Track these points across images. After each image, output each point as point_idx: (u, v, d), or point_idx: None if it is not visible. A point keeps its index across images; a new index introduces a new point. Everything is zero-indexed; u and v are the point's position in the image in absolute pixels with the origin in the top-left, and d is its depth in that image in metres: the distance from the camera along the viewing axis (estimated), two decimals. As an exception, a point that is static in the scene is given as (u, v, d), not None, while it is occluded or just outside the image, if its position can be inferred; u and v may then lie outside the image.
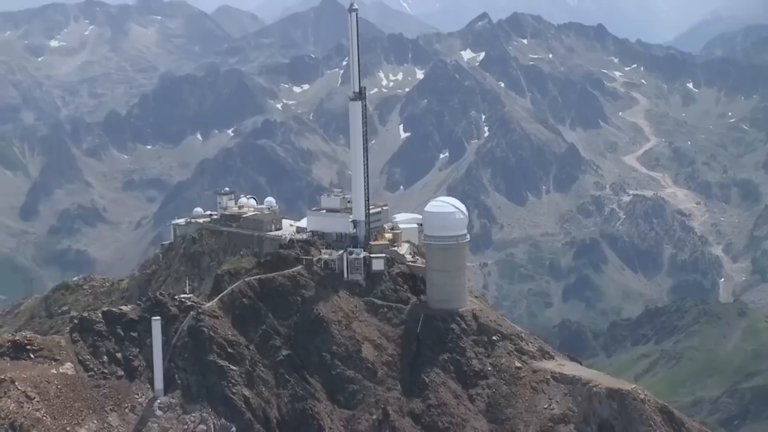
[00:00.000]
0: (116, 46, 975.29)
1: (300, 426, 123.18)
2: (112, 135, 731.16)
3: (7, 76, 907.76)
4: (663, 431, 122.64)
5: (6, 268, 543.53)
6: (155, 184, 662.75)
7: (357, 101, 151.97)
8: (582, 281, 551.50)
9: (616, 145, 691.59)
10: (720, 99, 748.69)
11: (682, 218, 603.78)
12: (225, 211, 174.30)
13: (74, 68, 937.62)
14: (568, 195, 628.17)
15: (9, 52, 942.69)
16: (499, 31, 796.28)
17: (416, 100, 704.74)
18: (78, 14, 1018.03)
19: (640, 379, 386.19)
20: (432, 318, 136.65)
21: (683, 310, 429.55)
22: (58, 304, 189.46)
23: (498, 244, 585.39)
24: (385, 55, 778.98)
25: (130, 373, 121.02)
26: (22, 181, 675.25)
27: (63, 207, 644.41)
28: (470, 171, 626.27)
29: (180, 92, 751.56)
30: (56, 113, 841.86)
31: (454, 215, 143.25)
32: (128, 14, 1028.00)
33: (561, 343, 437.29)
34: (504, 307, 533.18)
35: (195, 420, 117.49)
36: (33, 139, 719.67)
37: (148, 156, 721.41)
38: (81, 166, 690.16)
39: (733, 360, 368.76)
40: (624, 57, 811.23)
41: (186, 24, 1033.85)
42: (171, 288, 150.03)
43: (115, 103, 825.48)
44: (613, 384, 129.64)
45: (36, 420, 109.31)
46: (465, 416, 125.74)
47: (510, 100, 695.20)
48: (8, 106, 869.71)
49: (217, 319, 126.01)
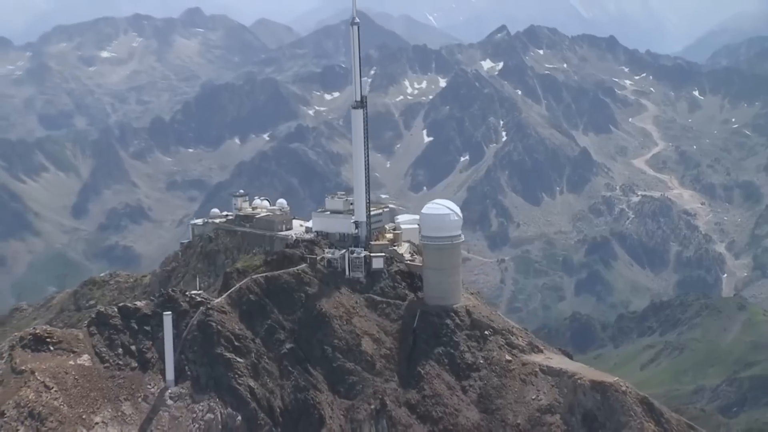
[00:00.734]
0: (162, 57, 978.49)
1: (302, 415, 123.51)
2: (156, 139, 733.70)
3: (62, 84, 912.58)
4: (643, 421, 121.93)
5: (59, 262, 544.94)
6: (196, 185, 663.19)
7: (359, 109, 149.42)
8: (593, 276, 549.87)
9: (626, 149, 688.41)
10: (724, 106, 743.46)
11: (688, 217, 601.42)
12: (239, 211, 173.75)
13: (123, 77, 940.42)
14: (581, 196, 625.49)
15: (63, 63, 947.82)
16: (516, 43, 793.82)
17: (439, 107, 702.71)
18: (127, 27, 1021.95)
19: (646, 369, 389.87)
20: (428, 314, 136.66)
21: (686, 304, 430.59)
22: (86, 298, 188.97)
23: (515, 241, 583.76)
24: (410, 64, 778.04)
25: (143, 364, 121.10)
26: (73, 181, 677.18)
27: (111, 206, 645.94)
28: (489, 173, 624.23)
29: (220, 99, 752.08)
30: (106, 119, 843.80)
31: (449, 217, 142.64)
32: (173, 27, 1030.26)
33: (571, 335, 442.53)
34: (520, 301, 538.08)
35: (203, 409, 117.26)
36: (84, 143, 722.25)
37: (190, 158, 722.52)
38: (128, 168, 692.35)
39: (733, 351, 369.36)
40: (634, 66, 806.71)
41: (226, 36, 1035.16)
42: (188, 284, 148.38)
43: (160, 110, 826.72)
44: (596, 377, 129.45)
45: (53, 408, 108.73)
46: (458, 406, 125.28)
47: (526, 106, 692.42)
48: (62, 112, 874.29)
49: (225, 314, 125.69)
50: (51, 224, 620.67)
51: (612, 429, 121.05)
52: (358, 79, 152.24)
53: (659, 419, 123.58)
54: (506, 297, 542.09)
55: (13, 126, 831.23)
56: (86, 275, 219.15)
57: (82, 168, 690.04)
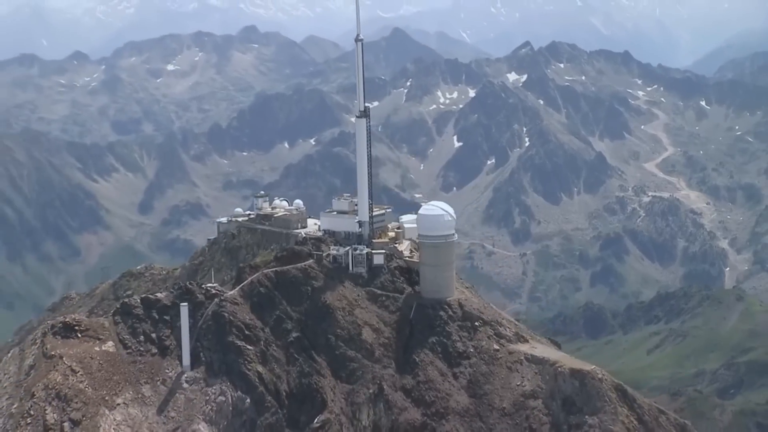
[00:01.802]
0: (221, 70, 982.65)
1: (306, 398, 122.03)
2: (214, 143, 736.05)
3: (132, 94, 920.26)
4: (617, 406, 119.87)
5: (127, 254, 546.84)
6: (249, 185, 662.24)
7: (362, 118, 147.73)
8: (607, 269, 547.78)
9: (638, 154, 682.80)
10: (728, 115, 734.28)
11: (694, 216, 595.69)
12: (260, 211, 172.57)
13: (186, 88, 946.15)
14: (596, 196, 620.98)
15: (134, 75, 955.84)
16: (539, 57, 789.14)
17: (468, 115, 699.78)
18: (190, 43, 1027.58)
19: (652, 354, 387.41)
20: (423, 306, 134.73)
21: (689, 295, 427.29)
22: (124, 288, 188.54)
23: (535, 237, 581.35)
24: (442, 76, 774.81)
25: (163, 351, 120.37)
26: (140, 181, 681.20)
27: (173, 203, 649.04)
28: (513, 175, 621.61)
29: (271, 108, 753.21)
30: (170, 125, 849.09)
31: (443, 217, 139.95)
32: (231, 43, 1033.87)
33: (584, 322, 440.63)
34: (540, 291, 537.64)
35: (216, 392, 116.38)
36: (150, 147, 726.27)
37: (244, 161, 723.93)
38: (189, 169, 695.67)
39: (731, 338, 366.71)
40: (646, 79, 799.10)
41: (278, 51, 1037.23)
42: (211, 277, 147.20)
43: (218, 117, 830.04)
44: (575, 365, 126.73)
45: (79, 391, 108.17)
46: (449, 391, 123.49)
47: (547, 115, 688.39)
48: (131, 119, 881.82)
49: (237, 305, 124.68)
50: (120, 219, 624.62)
51: (588, 413, 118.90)
52: (361, 92, 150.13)
53: (632, 404, 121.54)
54: (527, 287, 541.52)
55: (89, 131, 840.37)
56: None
57: (148, 169, 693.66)
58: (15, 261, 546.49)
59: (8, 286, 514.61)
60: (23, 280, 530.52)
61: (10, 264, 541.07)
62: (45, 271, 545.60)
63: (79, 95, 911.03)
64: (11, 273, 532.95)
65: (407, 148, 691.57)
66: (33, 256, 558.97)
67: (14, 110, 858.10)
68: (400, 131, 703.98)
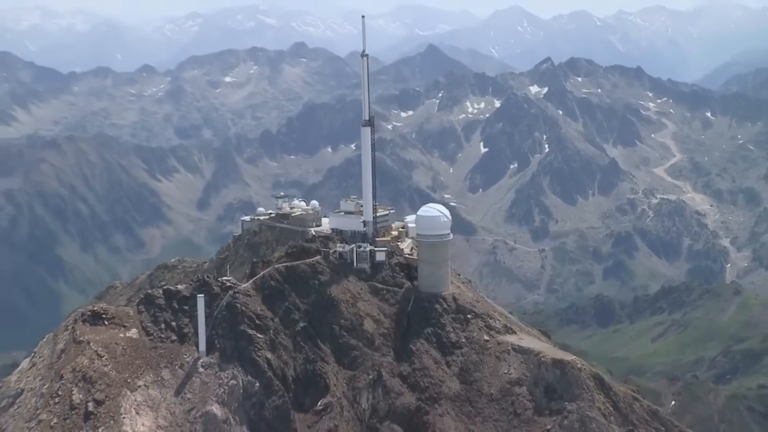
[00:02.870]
0: (272, 81, 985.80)
1: (311, 383, 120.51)
2: (265, 147, 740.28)
3: (193, 103, 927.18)
4: (594, 393, 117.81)
5: (186, 246, 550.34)
6: (296, 185, 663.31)
7: (367, 127, 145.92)
8: (618, 264, 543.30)
9: (648, 160, 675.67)
10: (732, 125, 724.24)
11: (698, 217, 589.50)
12: (279, 210, 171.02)
13: (241, 98, 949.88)
14: (609, 198, 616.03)
15: (195, 86, 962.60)
16: (559, 72, 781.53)
17: (493, 124, 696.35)
18: (246, 57, 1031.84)
19: (656, 341, 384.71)
20: (420, 299, 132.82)
21: (691, 288, 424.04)
22: (159, 279, 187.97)
23: (553, 234, 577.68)
24: (471, 89, 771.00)
25: (181, 338, 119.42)
26: (199, 181, 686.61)
27: (227, 201, 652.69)
28: (533, 178, 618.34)
29: (316, 116, 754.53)
30: (226, 131, 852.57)
31: (439, 218, 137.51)
32: (282, 58, 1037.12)
33: (595, 312, 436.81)
34: (557, 283, 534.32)
35: (228, 376, 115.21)
36: (208, 150, 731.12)
37: (291, 164, 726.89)
38: (242, 170, 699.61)
39: (728, 328, 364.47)
40: (657, 92, 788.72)
41: (324, 65, 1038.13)
42: (235, 270, 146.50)
43: (269, 124, 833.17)
44: (557, 355, 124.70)
45: (103, 373, 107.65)
46: (442, 378, 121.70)
47: (566, 124, 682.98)
48: (192, 125, 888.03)
49: (250, 297, 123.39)
50: (180, 215, 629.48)
51: (568, 399, 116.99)
52: (366, 103, 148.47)
53: (608, 392, 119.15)
54: (545, 280, 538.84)
55: (155, 136, 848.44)
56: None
57: (205, 170, 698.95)
58: (87, 251, 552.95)
59: (81, 274, 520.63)
60: (94, 268, 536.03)
61: (83, 254, 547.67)
62: (113, 261, 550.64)
63: (147, 104, 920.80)
64: (84, 262, 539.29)
65: (438, 152, 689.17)
66: (103, 247, 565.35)
67: (90, 117, 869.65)
68: (432, 137, 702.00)
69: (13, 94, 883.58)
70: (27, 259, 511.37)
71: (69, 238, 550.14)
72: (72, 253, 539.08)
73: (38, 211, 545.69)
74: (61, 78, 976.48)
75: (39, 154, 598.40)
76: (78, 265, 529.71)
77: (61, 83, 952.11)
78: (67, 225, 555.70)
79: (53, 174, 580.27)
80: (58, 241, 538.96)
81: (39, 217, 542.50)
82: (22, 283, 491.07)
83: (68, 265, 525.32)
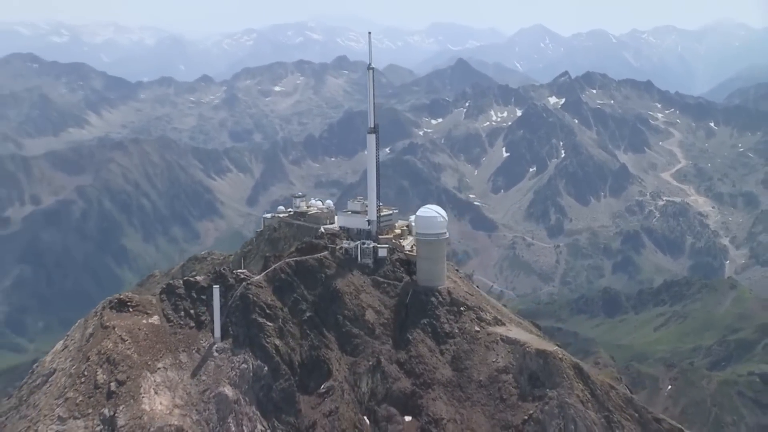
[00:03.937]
0: (317, 91, 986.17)
1: (315, 368, 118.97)
2: (309, 150, 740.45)
3: (246, 110, 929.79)
4: (573, 381, 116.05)
5: (237, 238, 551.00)
6: (335, 185, 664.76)
7: (372, 134, 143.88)
8: (626, 260, 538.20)
9: (655, 165, 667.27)
10: (733, 134, 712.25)
11: (701, 218, 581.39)
12: (297, 209, 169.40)
13: (289, 105, 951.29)
14: (619, 199, 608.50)
15: (248, 94, 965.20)
16: (575, 84, 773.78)
17: (515, 131, 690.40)
18: (293, 69, 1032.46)
19: (658, 331, 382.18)
20: (418, 292, 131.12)
21: (691, 283, 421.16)
22: (189, 270, 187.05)
23: (568, 232, 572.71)
24: (495, 99, 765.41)
25: (199, 325, 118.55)
26: (249, 180, 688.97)
27: (274, 198, 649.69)
28: (550, 181, 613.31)
29: (355, 122, 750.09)
30: (275, 135, 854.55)
31: (436, 219, 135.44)
32: (326, 70, 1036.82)
33: (602, 303, 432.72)
34: (570, 277, 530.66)
35: (240, 361, 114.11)
36: (258, 152, 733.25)
37: (332, 165, 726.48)
38: (287, 171, 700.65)
39: (724, 319, 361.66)
40: (665, 103, 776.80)
41: (364, 76, 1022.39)
42: (255, 264, 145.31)
43: (312, 129, 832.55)
44: (541, 346, 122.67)
45: (126, 356, 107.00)
46: (436, 365, 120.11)
47: (581, 132, 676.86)
48: (245, 130, 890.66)
49: (261, 288, 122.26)
50: (232, 210, 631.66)
51: (549, 387, 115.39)
52: (372, 112, 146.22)
53: (586, 381, 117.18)
54: (560, 273, 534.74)
55: (211, 139, 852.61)
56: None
57: (255, 170, 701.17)
58: (149, 242, 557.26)
59: (143, 262, 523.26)
60: (155, 257, 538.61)
61: (145, 244, 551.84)
62: (172, 251, 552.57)
63: (205, 110, 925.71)
64: (146, 251, 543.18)
65: (464, 156, 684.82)
66: (163, 238, 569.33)
67: (154, 121, 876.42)
68: (459, 143, 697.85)
69: (87, 100, 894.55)
70: (96, 249, 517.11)
71: (133, 229, 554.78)
72: (135, 243, 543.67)
73: (106, 205, 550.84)
74: (129, 86, 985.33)
75: (108, 155, 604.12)
76: (141, 254, 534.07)
77: (129, 91, 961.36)
78: (131, 218, 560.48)
79: (120, 172, 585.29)
80: (123, 233, 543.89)
81: (107, 211, 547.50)
82: (91, 270, 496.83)
83: (132, 253, 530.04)
